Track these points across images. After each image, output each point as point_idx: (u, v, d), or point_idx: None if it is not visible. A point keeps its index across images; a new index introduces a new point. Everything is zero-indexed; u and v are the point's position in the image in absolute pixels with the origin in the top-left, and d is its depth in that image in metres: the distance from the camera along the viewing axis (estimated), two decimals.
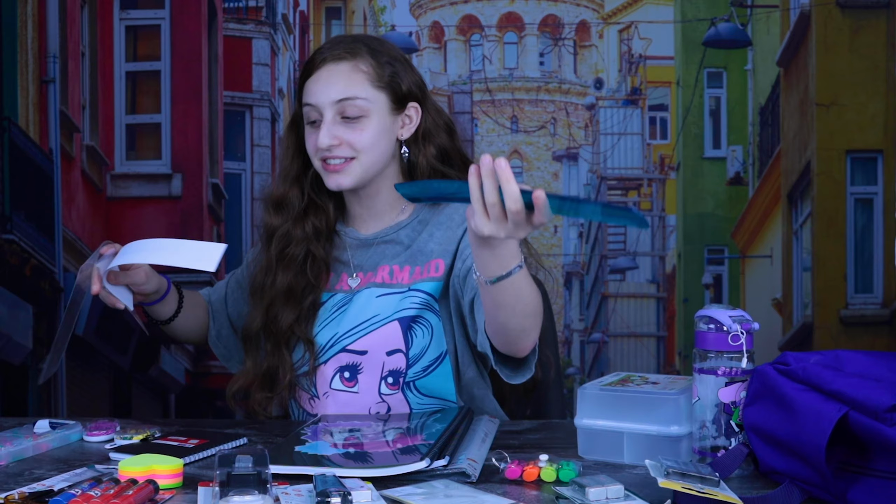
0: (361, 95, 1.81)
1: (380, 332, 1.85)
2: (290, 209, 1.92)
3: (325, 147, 1.80)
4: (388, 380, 1.85)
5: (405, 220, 1.90)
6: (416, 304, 1.85)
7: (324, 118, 1.81)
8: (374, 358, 1.85)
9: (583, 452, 1.53)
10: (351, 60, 1.82)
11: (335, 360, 1.87)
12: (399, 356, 1.85)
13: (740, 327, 1.42)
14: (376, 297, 1.87)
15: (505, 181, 1.37)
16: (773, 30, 3.59)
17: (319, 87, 1.82)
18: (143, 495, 1.30)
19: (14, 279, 3.42)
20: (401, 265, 1.88)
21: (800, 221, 3.60)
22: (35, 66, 3.49)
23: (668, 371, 3.65)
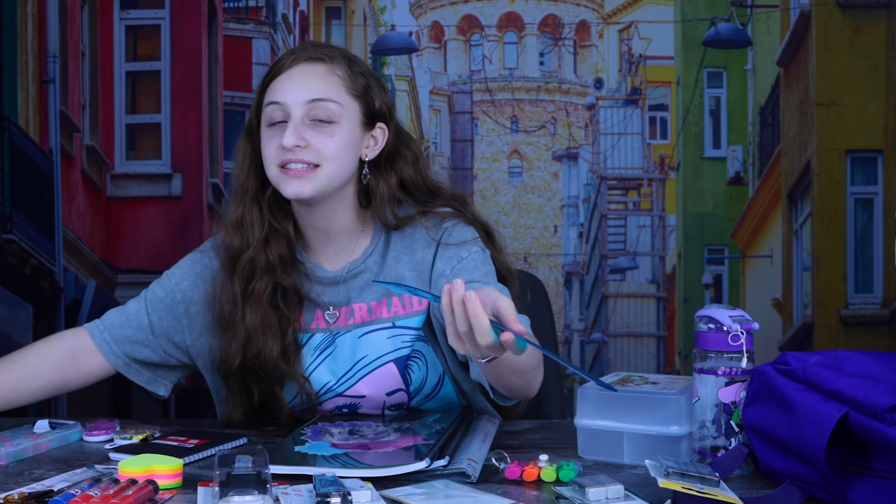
0: (335, 99, 1.72)
1: (376, 375, 1.79)
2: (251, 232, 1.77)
3: (290, 146, 1.67)
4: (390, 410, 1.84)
5: (368, 246, 1.81)
6: (408, 342, 1.78)
7: (291, 117, 1.69)
8: (374, 399, 1.81)
9: (583, 452, 1.53)
10: (327, 63, 1.74)
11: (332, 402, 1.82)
12: (400, 394, 1.82)
13: (740, 327, 1.42)
14: (359, 337, 1.79)
15: (473, 317, 1.31)
16: (773, 30, 3.59)
17: (291, 85, 1.71)
18: (143, 495, 1.30)
19: (14, 279, 3.42)
20: (378, 300, 1.79)
21: (800, 221, 3.60)
22: (35, 66, 3.49)
23: (668, 371, 3.65)
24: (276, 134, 1.71)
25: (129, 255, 3.57)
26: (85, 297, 3.51)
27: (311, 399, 1.78)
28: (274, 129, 1.72)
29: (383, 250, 1.80)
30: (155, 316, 1.85)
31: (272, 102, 1.72)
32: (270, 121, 1.73)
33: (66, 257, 3.50)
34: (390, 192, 1.79)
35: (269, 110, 1.72)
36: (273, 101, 1.72)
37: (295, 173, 1.70)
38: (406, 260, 1.79)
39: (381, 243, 1.81)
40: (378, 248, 1.81)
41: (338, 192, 1.76)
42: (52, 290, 3.49)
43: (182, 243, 3.60)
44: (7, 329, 3.38)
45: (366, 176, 1.79)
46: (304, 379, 1.77)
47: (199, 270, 1.86)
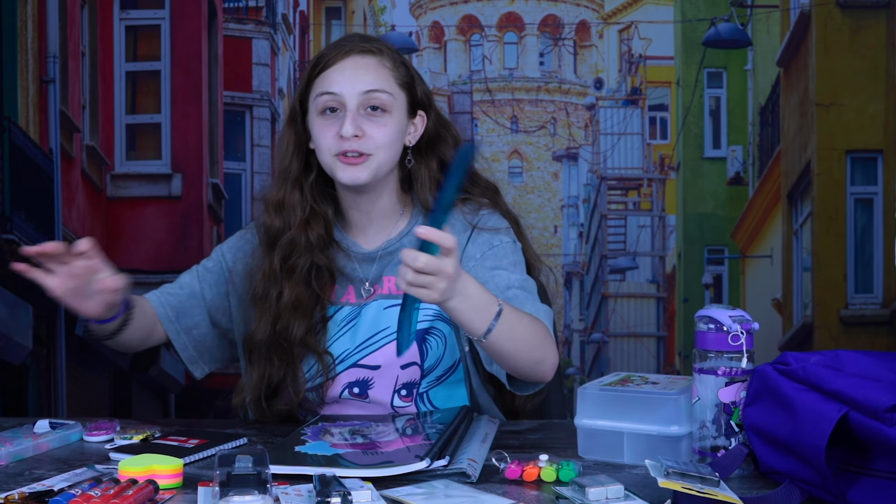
0: (387, 90, 1.79)
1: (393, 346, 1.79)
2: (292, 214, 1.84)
3: (349, 136, 1.75)
4: (401, 392, 1.84)
5: (405, 228, 1.88)
6: (429, 316, 1.83)
7: (348, 108, 1.77)
8: (388, 372, 1.83)
9: (583, 452, 1.53)
10: (377, 56, 1.81)
11: (345, 376, 1.83)
12: (414, 369, 1.83)
13: (740, 327, 1.42)
14: (384, 308, 1.84)
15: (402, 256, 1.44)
16: (773, 30, 3.59)
17: (345, 77, 1.78)
18: (143, 495, 1.30)
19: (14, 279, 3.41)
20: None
21: (800, 221, 3.60)
22: (35, 66, 3.49)
23: (668, 371, 3.65)
24: (331, 123, 1.78)
25: (129, 255, 3.57)
26: None
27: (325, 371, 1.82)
28: (327, 117, 1.79)
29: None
30: (206, 284, 1.93)
31: (327, 93, 1.78)
32: (324, 107, 1.79)
33: None
34: (431, 175, 1.86)
35: (323, 100, 1.79)
36: (328, 92, 1.78)
37: (350, 161, 1.77)
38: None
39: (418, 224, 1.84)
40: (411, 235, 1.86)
41: (385, 176, 1.83)
42: None
43: (182, 243, 3.60)
44: (7, 329, 3.38)
45: (410, 161, 1.87)
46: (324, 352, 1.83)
47: (241, 245, 1.94)
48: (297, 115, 1.86)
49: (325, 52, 1.83)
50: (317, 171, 1.86)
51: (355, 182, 1.78)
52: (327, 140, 1.78)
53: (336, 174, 1.79)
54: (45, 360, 3.50)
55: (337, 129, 1.77)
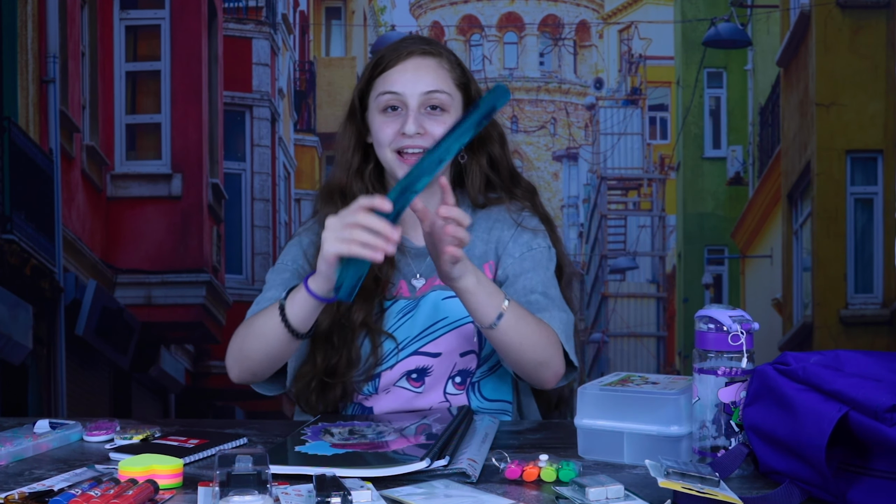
0: (446, 90, 1.87)
1: (456, 333, 1.88)
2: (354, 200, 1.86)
3: (412, 133, 1.82)
4: (455, 379, 1.89)
5: None
6: None
7: (409, 107, 1.84)
8: (447, 359, 1.88)
9: (583, 452, 1.53)
10: (436, 57, 1.89)
11: (404, 364, 1.87)
12: (472, 357, 1.89)
13: (740, 327, 1.42)
14: (442, 299, 1.88)
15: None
16: (773, 30, 3.59)
17: (407, 77, 1.86)
18: (143, 495, 1.30)
19: (14, 279, 3.42)
20: None
21: (800, 221, 3.60)
22: (35, 66, 3.49)
23: (668, 371, 3.65)
24: (392, 120, 1.86)
25: (129, 255, 3.57)
26: (85, 297, 3.51)
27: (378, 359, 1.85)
28: (388, 115, 1.86)
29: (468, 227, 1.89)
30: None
31: (389, 92, 1.86)
32: (385, 105, 1.87)
33: (66, 257, 3.50)
34: (482, 171, 1.95)
35: (385, 99, 1.86)
36: (390, 91, 1.86)
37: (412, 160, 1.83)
38: (484, 237, 1.92)
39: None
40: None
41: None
42: (52, 290, 3.49)
43: (182, 243, 3.60)
44: (7, 329, 3.38)
45: (464, 157, 1.94)
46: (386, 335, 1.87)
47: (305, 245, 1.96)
48: (357, 111, 1.93)
49: (386, 53, 1.90)
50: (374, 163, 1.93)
51: None
52: (387, 135, 1.85)
53: (396, 171, 1.85)
54: (45, 360, 3.50)
55: (398, 126, 1.84)
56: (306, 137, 3.70)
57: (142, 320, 3.58)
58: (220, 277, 3.62)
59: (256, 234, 3.64)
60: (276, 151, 3.69)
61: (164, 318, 3.60)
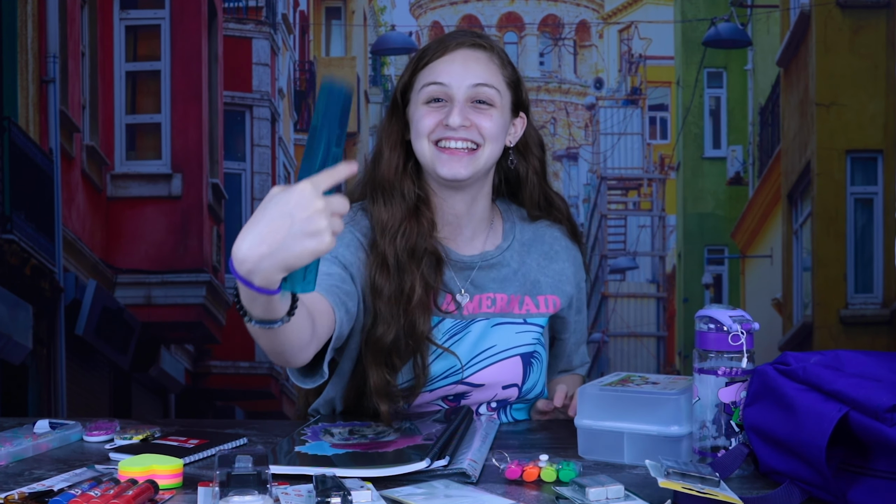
0: (495, 85, 1.76)
1: (502, 366, 1.82)
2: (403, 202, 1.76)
3: (456, 126, 1.70)
4: (491, 404, 1.85)
5: (502, 241, 1.85)
6: (535, 340, 1.84)
7: (455, 99, 1.73)
8: (489, 391, 1.83)
9: (583, 452, 1.53)
10: (487, 51, 1.78)
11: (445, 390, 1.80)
12: (513, 389, 1.85)
13: (740, 327, 1.42)
14: (492, 326, 1.82)
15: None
16: (773, 30, 3.59)
17: (455, 68, 1.74)
18: (143, 495, 1.30)
19: (14, 279, 3.42)
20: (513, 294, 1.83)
21: (800, 221, 3.60)
22: (35, 66, 3.49)
23: (668, 371, 3.65)
24: (435, 111, 1.74)
25: (129, 255, 3.57)
26: (85, 297, 3.51)
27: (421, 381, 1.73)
28: (432, 106, 1.75)
29: (520, 248, 1.86)
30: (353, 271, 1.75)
31: (435, 83, 1.74)
32: (430, 97, 1.75)
33: (66, 257, 3.50)
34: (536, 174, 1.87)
35: (431, 89, 1.75)
36: (436, 82, 1.74)
37: (453, 153, 1.73)
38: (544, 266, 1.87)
39: (515, 240, 1.86)
40: (514, 245, 1.85)
41: (483, 177, 1.80)
42: (52, 290, 3.49)
43: (182, 243, 3.60)
44: (7, 329, 3.38)
45: (513, 161, 1.85)
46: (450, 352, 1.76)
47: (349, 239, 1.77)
48: (399, 108, 1.81)
49: (433, 45, 1.79)
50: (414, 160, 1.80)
51: (456, 177, 1.73)
52: (427, 125, 1.73)
53: (435, 167, 1.74)
54: (45, 360, 3.50)
55: (441, 117, 1.73)
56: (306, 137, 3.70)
57: (142, 320, 3.58)
58: (220, 277, 3.62)
59: None
60: (276, 151, 3.69)
61: (164, 318, 3.60)
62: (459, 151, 1.73)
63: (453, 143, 1.73)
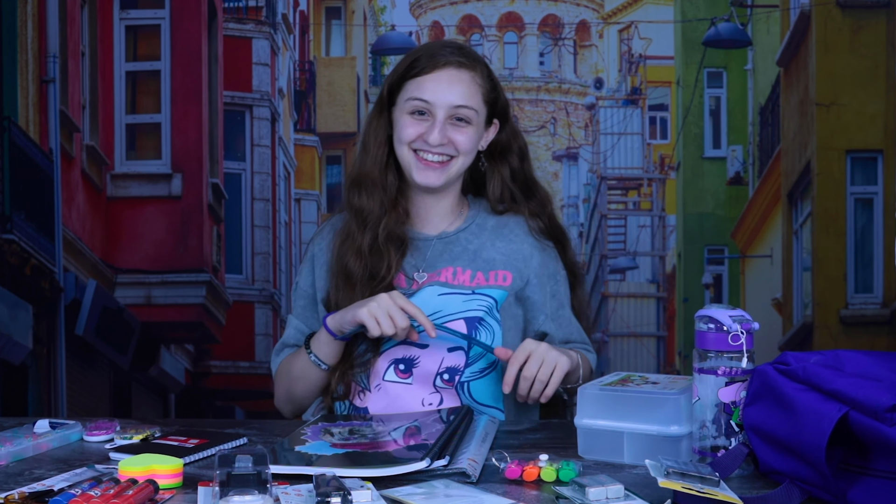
0: (474, 106, 1.91)
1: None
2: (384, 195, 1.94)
3: (436, 144, 1.88)
4: (443, 375, 1.89)
5: (462, 224, 1.99)
6: (483, 307, 1.91)
7: (437, 117, 1.89)
8: (435, 353, 1.88)
9: (583, 452, 1.53)
10: (471, 71, 1.92)
11: (391, 353, 1.89)
12: (459, 354, 1.89)
13: (740, 327, 1.42)
14: (438, 294, 1.92)
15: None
16: (773, 30, 3.59)
17: (440, 88, 1.89)
18: (143, 495, 1.30)
19: (14, 279, 3.42)
20: (463, 267, 1.95)
21: (800, 221, 3.60)
22: (35, 66, 3.49)
23: (668, 371, 3.65)
24: (418, 122, 1.91)
25: (129, 255, 3.57)
26: (85, 297, 3.51)
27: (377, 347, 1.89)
28: (415, 118, 1.91)
29: (478, 230, 1.99)
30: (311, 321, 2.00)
31: (419, 99, 1.90)
32: (412, 110, 1.91)
33: (66, 257, 3.50)
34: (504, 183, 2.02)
35: (416, 104, 1.91)
36: (421, 98, 1.90)
37: (430, 164, 1.91)
38: (501, 247, 1.98)
39: (474, 224, 2.00)
40: (472, 227, 1.99)
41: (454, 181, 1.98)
42: (52, 290, 3.49)
43: (182, 243, 3.60)
44: (7, 329, 3.38)
45: (483, 165, 2.03)
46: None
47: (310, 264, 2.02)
48: (385, 106, 1.96)
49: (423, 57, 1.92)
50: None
51: (428, 185, 1.91)
52: (409, 135, 1.90)
53: (412, 173, 1.92)
54: (45, 360, 3.50)
55: (422, 130, 1.89)
56: (306, 137, 3.70)
57: (142, 320, 3.58)
58: (220, 277, 3.62)
59: (256, 234, 3.64)
60: (276, 151, 3.69)
61: (164, 318, 3.60)
62: (436, 163, 1.91)
63: (430, 157, 1.90)
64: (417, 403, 1.87)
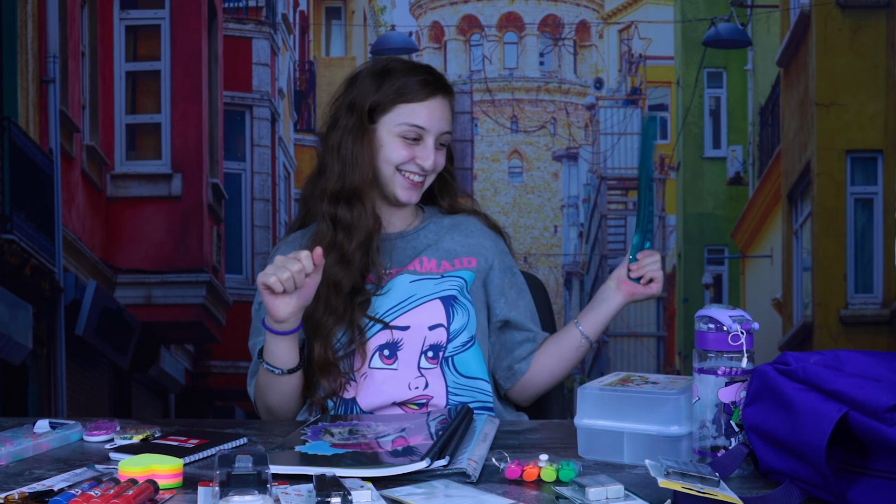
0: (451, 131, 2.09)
1: (422, 308, 1.98)
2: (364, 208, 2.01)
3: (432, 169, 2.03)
4: (427, 354, 1.95)
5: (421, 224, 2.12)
6: (455, 287, 2.01)
7: (426, 143, 2.02)
8: (416, 333, 1.96)
9: (583, 452, 1.53)
10: (450, 99, 2.08)
11: (376, 339, 1.95)
12: (440, 330, 1.97)
13: (740, 327, 1.42)
14: (410, 282, 2.00)
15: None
16: (773, 30, 3.59)
17: (434, 116, 2.02)
18: (143, 495, 1.30)
19: (14, 279, 3.42)
20: (429, 257, 2.06)
21: (800, 221, 3.60)
22: (35, 66, 3.49)
23: (668, 371, 3.65)
24: (409, 146, 2.02)
25: (129, 255, 3.57)
26: (85, 297, 3.51)
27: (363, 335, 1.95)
28: (408, 142, 2.02)
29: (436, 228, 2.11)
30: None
31: (416, 126, 2.02)
32: (407, 136, 2.02)
33: (66, 257, 3.50)
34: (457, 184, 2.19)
35: (411, 130, 2.02)
36: (417, 125, 2.02)
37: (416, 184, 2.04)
38: (460, 240, 2.10)
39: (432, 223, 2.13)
40: (430, 225, 2.12)
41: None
42: (52, 290, 3.49)
43: (182, 243, 3.60)
44: (7, 329, 3.38)
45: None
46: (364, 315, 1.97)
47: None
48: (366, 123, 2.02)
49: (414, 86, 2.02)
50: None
51: (409, 202, 2.05)
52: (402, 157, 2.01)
53: (396, 191, 2.03)
54: (45, 360, 3.50)
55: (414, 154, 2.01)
56: (306, 137, 3.70)
57: (142, 320, 3.58)
58: (220, 277, 3.62)
59: (256, 234, 3.64)
60: (276, 151, 3.69)
61: (164, 318, 3.60)
62: (419, 183, 2.04)
63: (416, 178, 2.03)
64: (404, 388, 1.92)
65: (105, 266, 3.56)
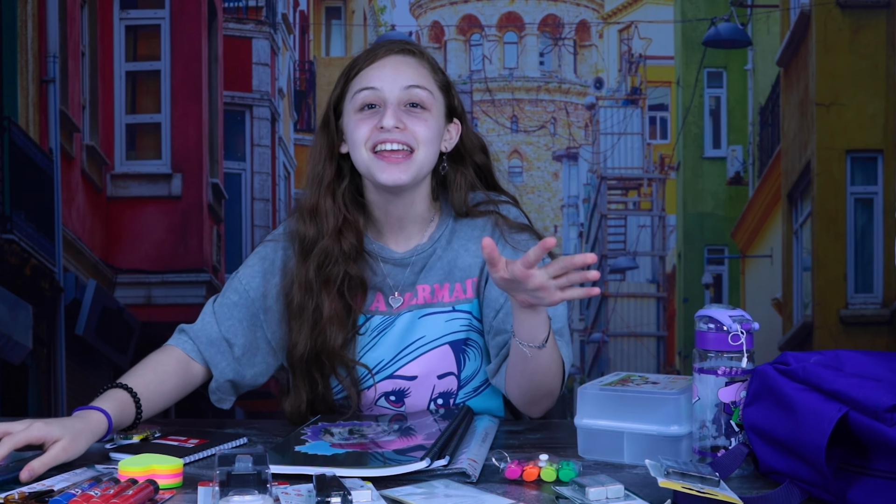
0: (428, 87, 1.78)
1: (431, 356, 1.82)
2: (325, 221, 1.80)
3: (390, 127, 1.72)
4: (437, 401, 1.84)
5: (435, 232, 1.86)
6: (465, 327, 1.82)
7: (388, 102, 1.74)
8: (425, 382, 1.82)
9: (583, 452, 1.53)
10: (416, 56, 1.81)
11: (381, 386, 1.83)
12: (451, 379, 1.83)
13: (740, 327, 1.42)
14: (419, 318, 1.82)
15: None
16: (773, 30, 3.59)
17: (386, 73, 1.76)
18: (143, 495, 1.30)
19: (14, 279, 3.42)
20: (441, 282, 1.83)
21: (800, 221, 3.60)
22: (35, 66, 3.49)
23: (668, 371, 3.65)
24: (369, 117, 1.75)
25: (129, 255, 3.57)
26: (85, 297, 3.51)
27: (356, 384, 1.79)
28: (365, 113, 1.76)
29: (450, 236, 1.85)
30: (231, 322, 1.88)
31: (367, 88, 1.76)
32: (364, 103, 1.76)
33: (66, 257, 3.50)
34: (468, 180, 1.86)
35: (363, 95, 1.76)
36: (369, 87, 1.76)
37: (391, 159, 1.73)
38: (473, 248, 1.84)
39: (447, 230, 1.86)
40: (445, 234, 1.85)
41: (422, 181, 1.81)
42: (52, 290, 3.49)
43: (182, 243, 3.60)
44: (7, 329, 3.38)
45: (444, 168, 1.85)
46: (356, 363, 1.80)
47: (266, 266, 1.87)
48: (331, 121, 1.82)
49: (362, 55, 1.81)
50: (349, 179, 1.83)
51: (396, 183, 1.74)
52: (363, 133, 1.75)
53: (375, 174, 1.74)
54: (45, 360, 3.50)
55: (375, 122, 1.74)
56: (306, 137, 3.70)
57: (142, 320, 3.58)
58: (220, 277, 3.62)
59: (256, 234, 3.64)
60: (276, 151, 3.69)
61: (164, 317, 3.59)
62: (396, 156, 1.73)
63: (389, 146, 1.73)
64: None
65: (105, 266, 3.56)
